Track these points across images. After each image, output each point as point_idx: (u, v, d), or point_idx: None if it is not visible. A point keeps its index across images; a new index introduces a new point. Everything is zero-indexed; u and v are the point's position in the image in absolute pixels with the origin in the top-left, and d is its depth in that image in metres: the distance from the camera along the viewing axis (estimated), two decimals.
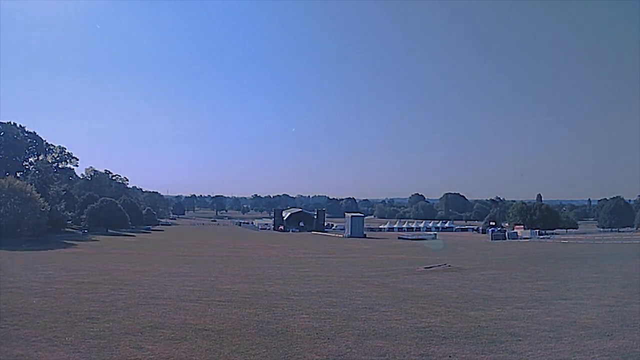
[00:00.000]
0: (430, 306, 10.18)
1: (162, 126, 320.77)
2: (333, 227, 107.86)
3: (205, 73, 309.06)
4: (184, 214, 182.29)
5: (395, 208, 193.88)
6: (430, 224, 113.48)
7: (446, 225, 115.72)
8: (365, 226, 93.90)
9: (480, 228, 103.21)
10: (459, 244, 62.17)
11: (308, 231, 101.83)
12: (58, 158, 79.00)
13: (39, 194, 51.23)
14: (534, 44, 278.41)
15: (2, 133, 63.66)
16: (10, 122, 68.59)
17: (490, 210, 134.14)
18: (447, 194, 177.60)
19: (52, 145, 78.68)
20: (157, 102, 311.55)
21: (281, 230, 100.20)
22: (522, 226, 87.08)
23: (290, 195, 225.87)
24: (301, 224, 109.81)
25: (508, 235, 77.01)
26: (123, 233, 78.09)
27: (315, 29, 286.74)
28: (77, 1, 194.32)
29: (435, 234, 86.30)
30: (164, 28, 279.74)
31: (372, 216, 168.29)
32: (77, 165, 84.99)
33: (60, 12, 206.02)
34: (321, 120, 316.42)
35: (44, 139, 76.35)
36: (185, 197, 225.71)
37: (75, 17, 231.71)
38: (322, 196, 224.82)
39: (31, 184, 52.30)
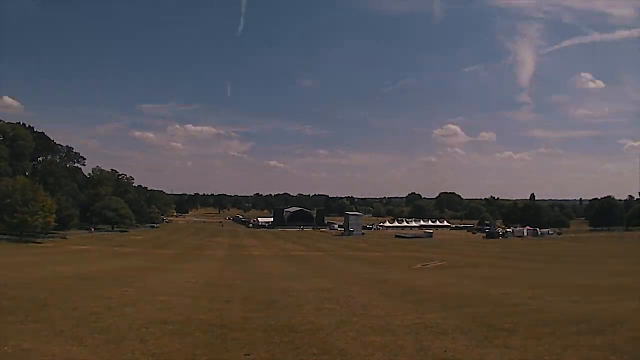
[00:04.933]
0: (427, 302, 10.37)
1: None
2: (333, 226, 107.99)
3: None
4: (187, 213, 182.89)
5: (392, 207, 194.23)
6: (428, 223, 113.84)
7: (443, 224, 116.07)
8: (363, 225, 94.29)
9: (475, 227, 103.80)
10: (455, 242, 62.44)
11: (308, 229, 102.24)
12: (65, 158, 79.73)
13: (47, 193, 51.77)
14: None
15: (11, 133, 64.34)
16: (18, 123, 69.71)
17: (485, 210, 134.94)
18: (442, 193, 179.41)
19: (60, 146, 79.75)
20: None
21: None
22: (517, 225, 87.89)
23: (291, 194, 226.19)
24: (298, 222, 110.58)
25: (502, 233, 77.55)
26: (128, 231, 78.47)
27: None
28: None
29: (432, 232, 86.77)
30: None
31: (370, 215, 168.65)
32: (84, 165, 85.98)
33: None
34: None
35: (52, 139, 77.53)
36: (189, 195, 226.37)
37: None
38: (322, 195, 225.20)
39: (39, 184, 52.77)
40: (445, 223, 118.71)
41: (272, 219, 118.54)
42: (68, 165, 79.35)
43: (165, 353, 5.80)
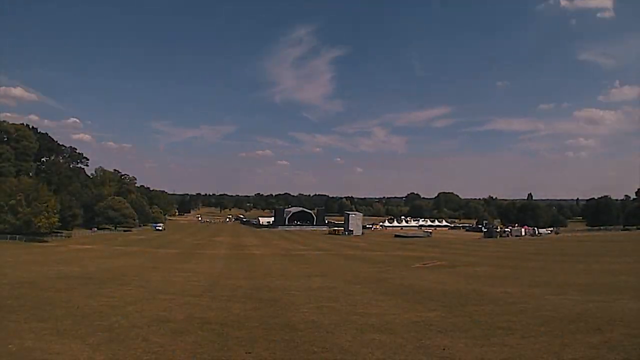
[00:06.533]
0: (426, 301, 10.43)
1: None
2: (333, 225, 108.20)
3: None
4: (189, 212, 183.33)
5: (391, 206, 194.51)
6: (427, 222, 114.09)
7: (441, 223, 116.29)
8: (363, 224, 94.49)
9: (473, 226, 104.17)
10: (453, 241, 62.49)
11: (308, 228, 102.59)
12: (69, 158, 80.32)
13: (51, 193, 52.01)
14: None
15: (15, 134, 64.87)
16: (22, 124, 70.76)
17: (483, 209, 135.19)
18: (441, 193, 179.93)
19: (63, 146, 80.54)
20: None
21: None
22: (515, 224, 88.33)
23: (292, 194, 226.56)
24: (298, 222, 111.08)
25: (500, 232, 77.76)
26: (131, 230, 78.73)
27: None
28: None
29: (431, 232, 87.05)
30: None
31: (370, 214, 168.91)
32: (87, 165, 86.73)
33: None
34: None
35: (55, 140, 78.33)
36: (191, 195, 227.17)
37: None
38: (322, 195, 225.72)
39: (43, 183, 53.03)
40: (444, 222, 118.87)
41: (272, 219, 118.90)
42: (71, 165, 79.90)
43: (167, 351, 5.86)
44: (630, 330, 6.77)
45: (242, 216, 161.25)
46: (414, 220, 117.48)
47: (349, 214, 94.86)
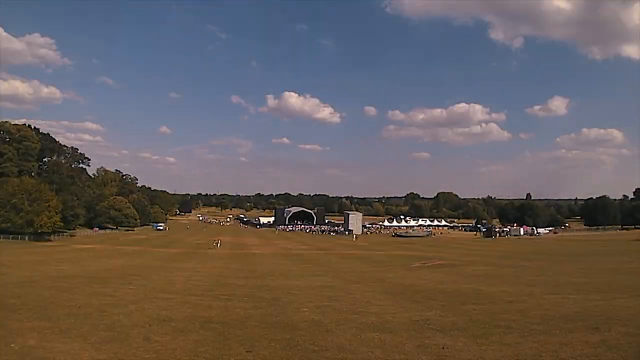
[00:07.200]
0: (425, 300, 10.48)
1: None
2: (334, 225, 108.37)
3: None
4: (190, 212, 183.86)
5: (391, 206, 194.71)
6: (425, 222, 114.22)
7: (440, 222, 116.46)
8: (362, 224, 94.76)
9: (472, 226, 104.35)
10: (452, 241, 62.65)
11: (308, 228, 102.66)
12: (70, 158, 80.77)
13: (53, 193, 52.22)
14: None
15: (17, 134, 65.21)
16: (24, 124, 71.29)
17: (482, 209, 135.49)
18: (440, 192, 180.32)
19: (65, 146, 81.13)
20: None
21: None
22: (514, 224, 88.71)
23: (292, 194, 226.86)
24: (298, 221, 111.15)
25: (499, 232, 77.97)
26: (132, 230, 78.96)
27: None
28: None
29: (431, 231, 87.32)
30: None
31: (369, 214, 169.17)
32: (88, 165, 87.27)
33: None
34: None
35: (57, 140, 78.84)
36: (192, 195, 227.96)
37: None
38: (322, 195, 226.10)
39: (45, 184, 53.27)
40: (443, 222, 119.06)
41: (273, 218, 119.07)
42: (73, 166, 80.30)
43: (168, 350, 5.87)
44: (628, 329, 6.79)
45: (242, 216, 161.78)
46: (413, 220, 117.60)
47: (348, 214, 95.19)
